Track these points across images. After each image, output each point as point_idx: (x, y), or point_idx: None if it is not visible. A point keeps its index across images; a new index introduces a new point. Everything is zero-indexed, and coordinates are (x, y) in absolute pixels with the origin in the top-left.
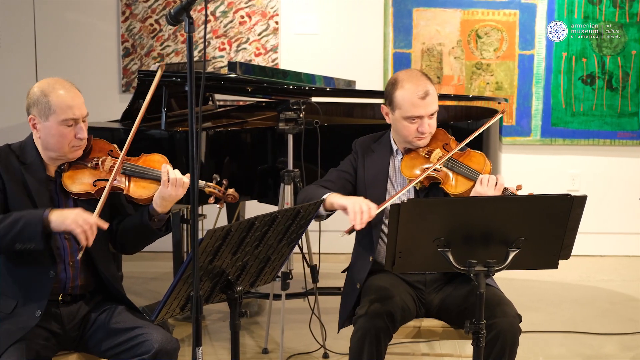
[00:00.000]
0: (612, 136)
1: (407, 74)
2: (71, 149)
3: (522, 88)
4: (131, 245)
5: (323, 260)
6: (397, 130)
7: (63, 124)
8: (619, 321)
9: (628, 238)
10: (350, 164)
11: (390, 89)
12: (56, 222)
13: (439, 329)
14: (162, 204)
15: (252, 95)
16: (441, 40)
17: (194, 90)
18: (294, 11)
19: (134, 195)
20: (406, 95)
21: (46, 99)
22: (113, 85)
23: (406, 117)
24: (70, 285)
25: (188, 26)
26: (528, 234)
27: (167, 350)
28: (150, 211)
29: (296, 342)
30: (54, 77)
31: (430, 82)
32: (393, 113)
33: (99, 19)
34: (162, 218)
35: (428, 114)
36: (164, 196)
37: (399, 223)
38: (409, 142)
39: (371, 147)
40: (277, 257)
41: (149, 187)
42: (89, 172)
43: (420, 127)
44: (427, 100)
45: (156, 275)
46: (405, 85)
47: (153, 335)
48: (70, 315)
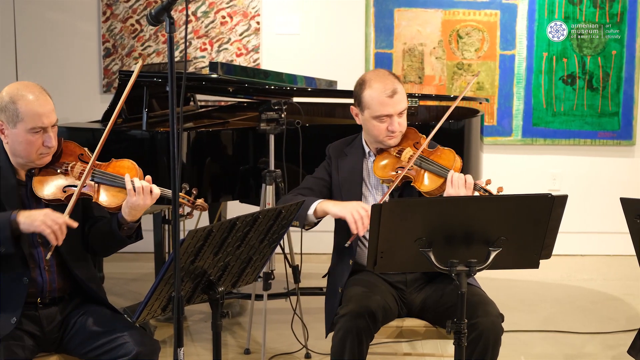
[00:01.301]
0: (592, 136)
1: (374, 74)
2: (39, 156)
3: (503, 88)
4: (102, 249)
5: (305, 261)
6: (367, 130)
7: (31, 132)
8: (600, 320)
9: (609, 237)
10: (325, 170)
11: (358, 90)
12: (25, 223)
13: (420, 329)
14: (131, 212)
15: (234, 96)
16: (422, 40)
17: (175, 91)
18: (275, 11)
19: (103, 203)
20: (374, 95)
21: (14, 105)
22: (94, 85)
23: (375, 117)
24: (47, 288)
25: (169, 26)
26: (509, 233)
27: (148, 352)
28: (119, 219)
29: (278, 343)
30: (24, 82)
31: (398, 80)
32: (362, 113)
33: (80, 19)
34: (132, 227)
35: (397, 112)
36: (132, 205)
37: (381, 223)
38: (379, 141)
39: (344, 150)
40: (258, 258)
41: (117, 195)
42: (59, 178)
43: (390, 126)
44: (396, 99)
45: (137, 276)
46: (373, 84)
47: (133, 337)
48: (49, 318)
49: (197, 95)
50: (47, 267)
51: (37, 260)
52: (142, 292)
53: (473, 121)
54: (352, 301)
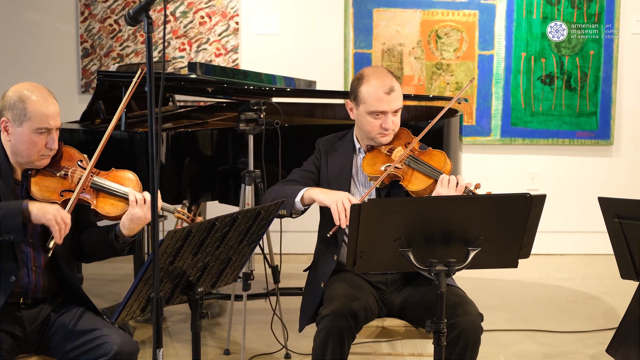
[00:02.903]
0: (571, 136)
1: (373, 70)
2: (40, 157)
3: (481, 88)
4: (91, 256)
5: (284, 261)
6: (360, 126)
7: (36, 132)
8: (579, 319)
9: (587, 237)
10: (314, 164)
11: (355, 84)
12: (37, 214)
13: (400, 329)
14: (130, 226)
15: (213, 96)
16: (401, 40)
17: (154, 91)
18: (254, 11)
19: (102, 211)
20: (371, 90)
21: (23, 104)
22: (72, 85)
23: (370, 112)
24: (32, 289)
25: (147, 26)
26: (488, 233)
27: (127, 352)
28: (116, 231)
29: (258, 343)
30: (32, 83)
31: (396, 79)
32: (357, 108)
33: (58, 19)
34: (127, 241)
35: (392, 110)
36: (133, 218)
37: (360, 223)
38: (371, 138)
39: (334, 145)
40: (238, 258)
41: (117, 204)
42: (57, 181)
43: (384, 124)
44: (392, 96)
45: (116, 277)
46: (371, 80)
47: (112, 337)
48: (32, 318)
49: (176, 95)
50: (34, 268)
51: (26, 260)
52: (121, 293)
53: (452, 121)
54: (335, 301)
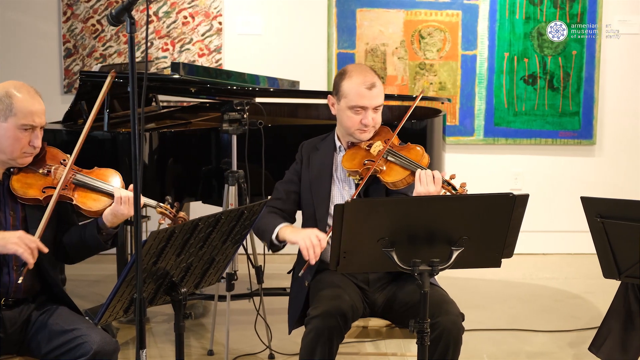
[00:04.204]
0: (553, 135)
1: (356, 66)
2: (22, 154)
3: (465, 88)
4: (74, 255)
5: (268, 261)
6: (341, 121)
7: (21, 128)
8: (562, 318)
9: (570, 236)
10: (294, 173)
11: (338, 79)
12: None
13: (384, 329)
14: (112, 220)
15: (196, 96)
16: (385, 40)
17: (136, 91)
18: (237, 12)
19: (83, 206)
20: (353, 85)
21: (9, 100)
22: (55, 86)
23: (351, 107)
24: (13, 289)
25: (130, 26)
26: (471, 233)
27: (106, 352)
28: (99, 224)
29: (242, 343)
30: (19, 81)
31: (378, 77)
32: (338, 103)
33: (40, 19)
34: (110, 233)
35: (373, 106)
36: (116, 213)
37: (343, 223)
38: (351, 134)
39: (317, 146)
40: (221, 258)
41: (99, 199)
42: (40, 179)
43: (364, 119)
44: (373, 92)
45: (100, 278)
46: (353, 75)
47: (91, 337)
48: (13, 319)
49: (159, 95)
50: (15, 268)
51: (7, 259)
52: (104, 293)
53: (435, 121)
54: (324, 301)
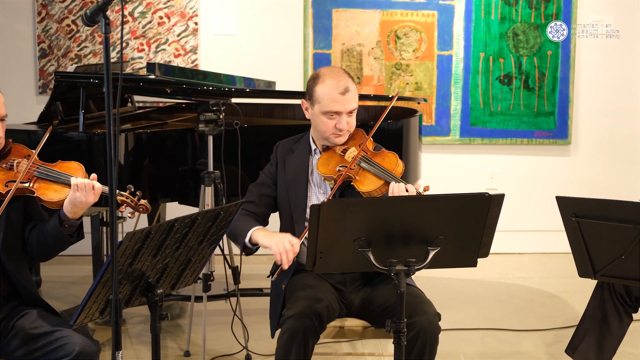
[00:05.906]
0: (529, 135)
1: (329, 70)
2: None
3: (441, 88)
4: (43, 251)
5: (244, 262)
6: (315, 125)
7: None
8: (538, 317)
9: (546, 235)
10: (269, 175)
11: (311, 84)
12: None
13: (360, 329)
14: (72, 210)
15: (172, 97)
16: (361, 40)
17: (112, 92)
18: (213, 12)
19: (44, 197)
20: (326, 90)
21: None
22: (29, 86)
23: (325, 112)
24: None
25: (104, 27)
26: (447, 233)
27: (88, 353)
28: (60, 216)
29: (218, 344)
30: None
31: (352, 80)
32: (312, 108)
33: (14, 19)
34: (73, 224)
35: (347, 111)
36: (74, 202)
37: (320, 223)
38: (326, 138)
39: (292, 147)
40: (197, 259)
41: (60, 190)
42: (3, 173)
43: (339, 124)
44: (347, 97)
45: (75, 279)
46: (326, 80)
47: (73, 338)
48: None
49: (134, 96)
50: None
51: None
52: (80, 295)
53: (411, 121)
54: (299, 302)
